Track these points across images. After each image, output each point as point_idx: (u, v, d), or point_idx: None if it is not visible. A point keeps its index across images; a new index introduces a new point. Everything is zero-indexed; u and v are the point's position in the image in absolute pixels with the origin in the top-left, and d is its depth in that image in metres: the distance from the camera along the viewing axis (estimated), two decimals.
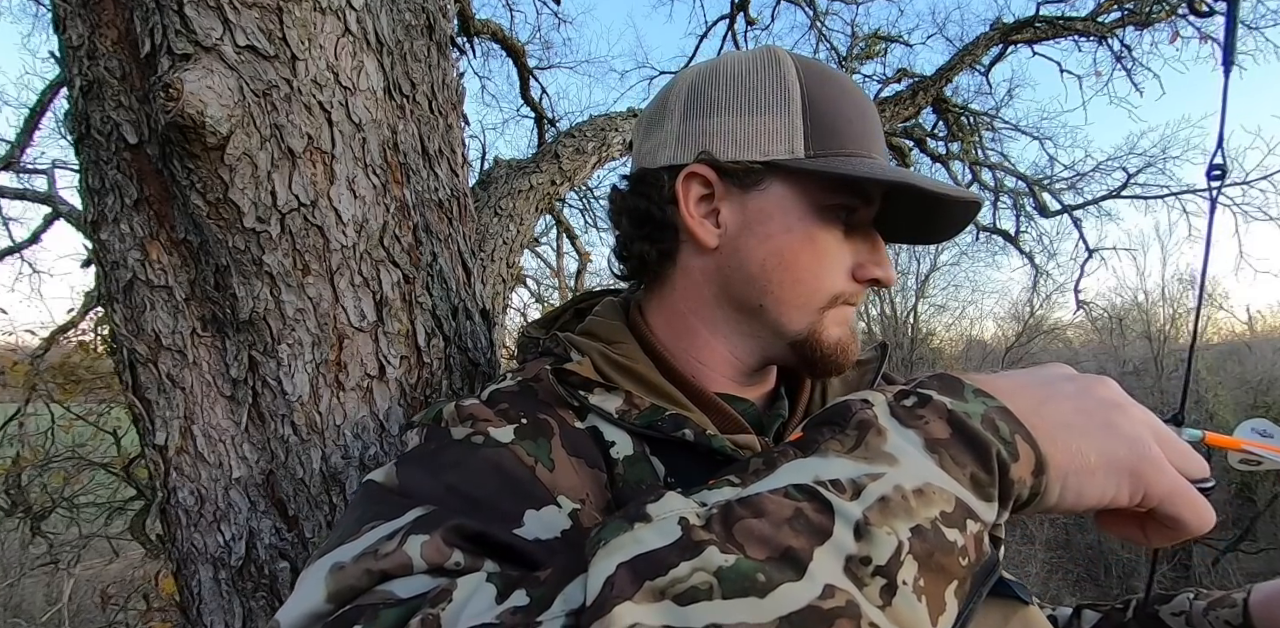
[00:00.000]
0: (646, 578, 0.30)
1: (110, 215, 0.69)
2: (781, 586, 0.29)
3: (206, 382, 0.69)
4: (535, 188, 2.80)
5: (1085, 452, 0.36)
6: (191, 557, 0.71)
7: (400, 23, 0.78)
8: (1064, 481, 0.36)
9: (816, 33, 5.16)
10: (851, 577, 0.30)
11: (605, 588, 0.30)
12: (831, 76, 0.57)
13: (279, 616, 0.37)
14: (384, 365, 0.70)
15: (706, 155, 0.55)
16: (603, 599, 0.29)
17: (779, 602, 0.29)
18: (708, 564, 0.30)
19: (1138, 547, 4.59)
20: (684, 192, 0.56)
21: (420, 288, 0.74)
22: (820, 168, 0.53)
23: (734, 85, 0.56)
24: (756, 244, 0.56)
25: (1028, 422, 0.36)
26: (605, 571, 0.31)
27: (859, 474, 0.33)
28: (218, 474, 0.69)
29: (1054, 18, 4.41)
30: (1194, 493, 0.37)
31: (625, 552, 0.31)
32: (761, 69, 0.56)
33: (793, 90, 0.55)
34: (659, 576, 0.30)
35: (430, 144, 0.79)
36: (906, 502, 0.32)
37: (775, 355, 0.59)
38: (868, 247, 0.58)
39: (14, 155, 3.67)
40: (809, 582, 0.29)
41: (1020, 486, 0.35)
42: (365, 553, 0.38)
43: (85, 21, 0.67)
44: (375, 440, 0.70)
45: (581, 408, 0.54)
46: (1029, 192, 5.53)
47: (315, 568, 0.39)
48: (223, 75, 0.61)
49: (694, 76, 0.59)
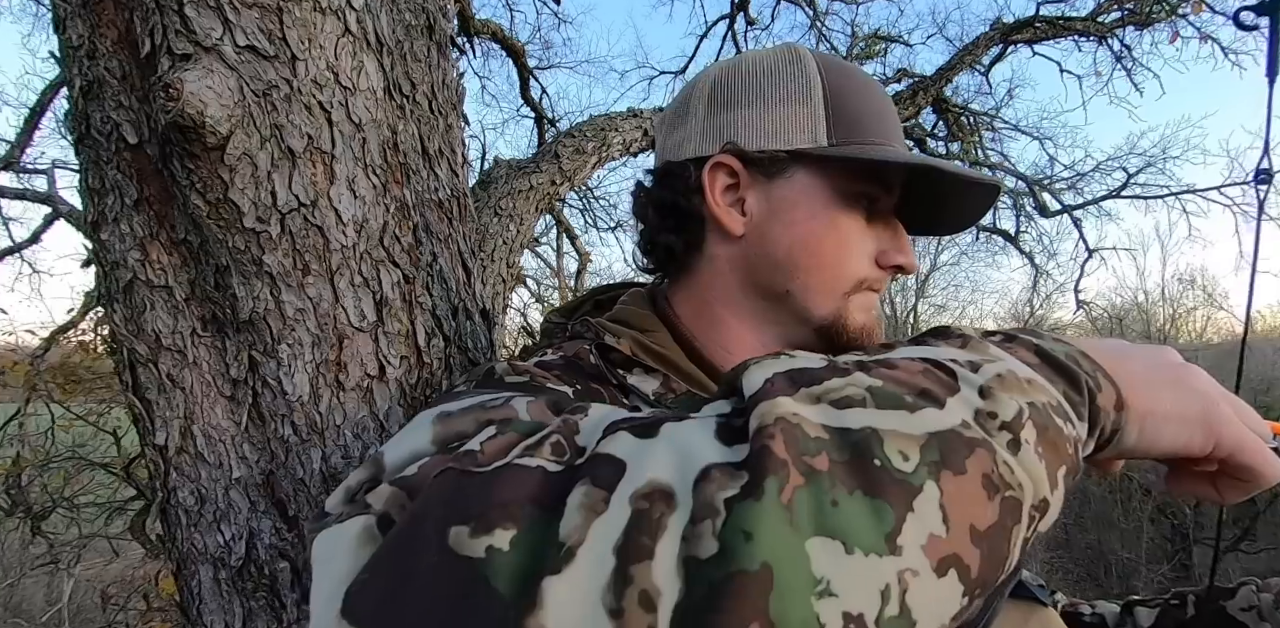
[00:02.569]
0: (803, 385, 0.31)
1: (110, 215, 0.69)
2: (926, 409, 0.30)
3: (206, 382, 0.69)
4: (535, 188, 2.80)
5: (1159, 399, 0.37)
6: (191, 557, 0.71)
7: (400, 23, 0.78)
8: (1141, 423, 0.37)
9: (816, 33, 5.17)
10: (981, 427, 0.31)
11: (765, 385, 0.31)
12: (850, 70, 0.60)
13: (384, 448, 0.38)
14: (384, 365, 0.70)
15: (732, 146, 0.57)
16: (763, 393, 0.30)
17: (926, 421, 0.30)
18: (859, 382, 0.31)
19: (1137, 545, 4.58)
20: (710, 181, 0.58)
21: (420, 288, 0.74)
22: (845, 154, 0.55)
23: (758, 79, 0.58)
24: (782, 230, 0.57)
25: (1105, 366, 0.37)
26: (762, 376, 0.32)
27: (973, 358, 0.34)
28: (218, 474, 0.69)
29: (1054, 18, 4.41)
30: (1263, 445, 0.38)
31: (780, 365, 0.33)
32: (784, 63, 0.58)
33: (814, 83, 0.57)
34: (814, 384, 0.31)
35: (430, 144, 0.79)
36: (1020, 383, 0.33)
37: (801, 342, 0.60)
38: (890, 234, 0.60)
39: (14, 155, 3.67)
40: (949, 413, 0.31)
41: (1105, 416, 0.36)
42: (472, 406, 0.38)
43: (85, 21, 0.67)
44: (375, 440, 0.70)
45: (621, 387, 0.54)
46: (1029, 192, 5.53)
47: (420, 418, 0.39)
48: (223, 75, 0.61)
49: (717, 72, 0.61)
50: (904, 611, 0.26)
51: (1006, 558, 0.30)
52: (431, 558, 0.27)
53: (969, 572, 0.28)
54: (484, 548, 0.27)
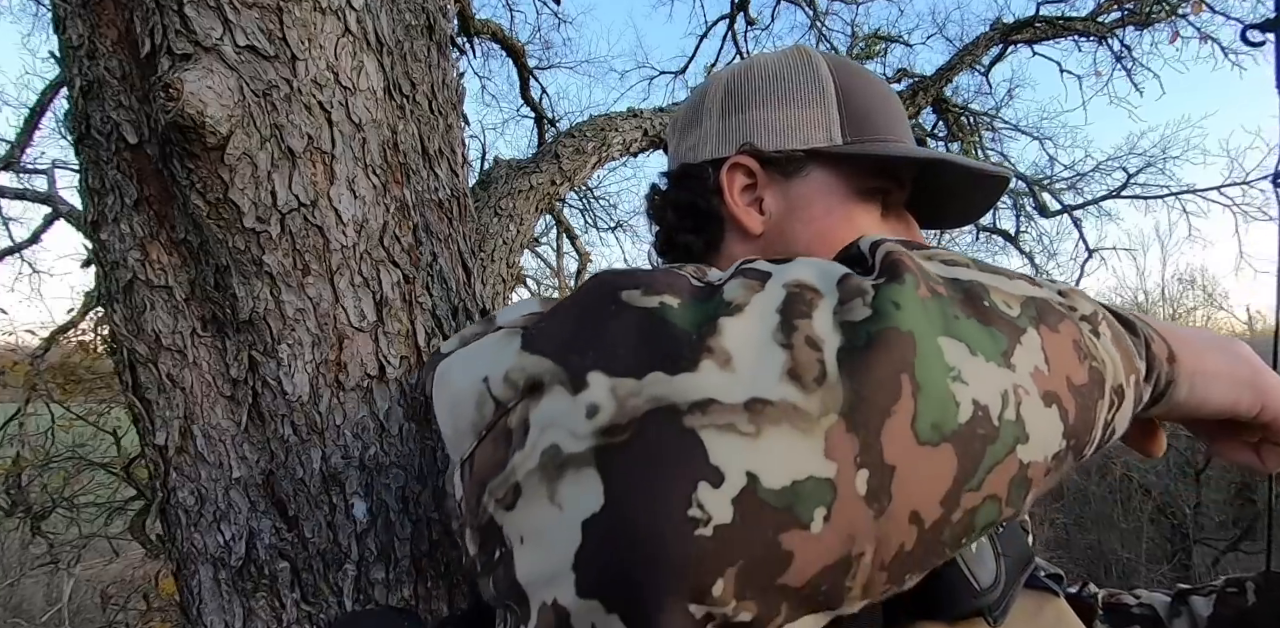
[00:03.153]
0: (912, 249, 0.33)
1: (110, 215, 0.69)
2: (1020, 281, 0.33)
3: (206, 382, 0.69)
4: (535, 188, 2.80)
5: (1209, 359, 0.38)
6: (191, 557, 0.71)
7: (400, 23, 0.78)
8: (1191, 379, 0.38)
9: (816, 33, 5.17)
10: (1066, 308, 0.33)
11: (881, 240, 0.33)
12: (859, 70, 0.62)
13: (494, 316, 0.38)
14: (384, 365, 0.70)
15: (749, 146, 0.59)
16: (881, 242, 0.33)
17: (1022, 287, 0.32)
18: (960, 257, 0.34)
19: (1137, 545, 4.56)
20: (729, 182, 0.59)
21: (420, 288, 0.74)
22: (862, 152, 0.57)
23: (770, 81, 0.60)
24: (801, 227, 0.58)
25: (1153, 325, 0.38)
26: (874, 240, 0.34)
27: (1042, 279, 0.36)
28: (218, 474, 0.69)
29: (1054, 18, 4.41)
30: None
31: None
32: (795, 65, 0.60)
33: (826, 83, 0.59)
34: (919, 250, 0.33)
35: (430, 144, 0.79)
36: (1089, 302, 0.34)
37: None
38: (903, 227, 0.62)
39: (14, 155, 3.67)
40: (1040, 289, 0.33)
41: (1160, 364, 0.36)
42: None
43: (85, 21, 0.67)
44: (375, 440, 0.70)
45: None
46: (1029, 192, 5.53)
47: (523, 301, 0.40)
48: (223, 75, 0.61)
49: (728, 76, 0.63)
50: (1019, 419, 0.28)
51: (1092, 428, 0.31)
52: (609, 306, 0.29)
53: (1068, 416, 0.29)
54: (657, 302, 0.29)
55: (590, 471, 0.25)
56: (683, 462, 0.24)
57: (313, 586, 0.68)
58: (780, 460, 0.24)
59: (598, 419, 0.25)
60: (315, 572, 0.68)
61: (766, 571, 0.24)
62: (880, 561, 0.26)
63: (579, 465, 0.25)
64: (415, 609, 0.70)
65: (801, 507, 0.24)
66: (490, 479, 0.28)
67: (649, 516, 0.23)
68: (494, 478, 0.28)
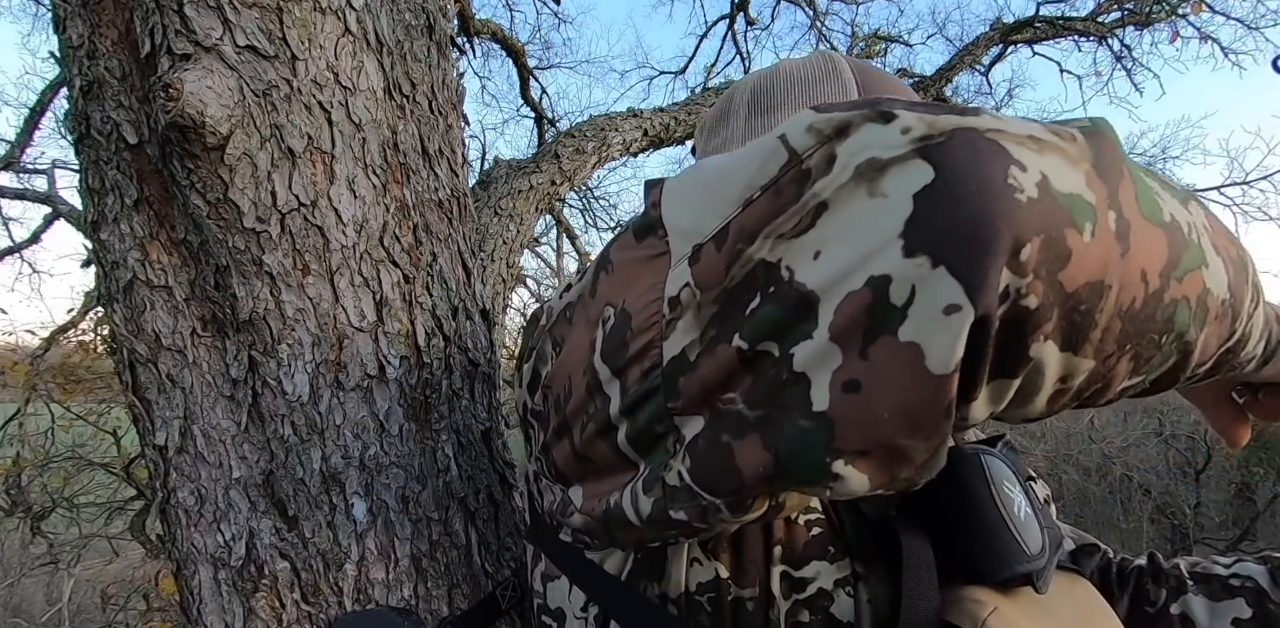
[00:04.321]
0: None
1: (110, 215, 0.69)
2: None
3: (206, 382, 0.69)
4: (535, 188, 2.80)
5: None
6: (191, 557, 0.71)
7: (400, 23, 0.78)
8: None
9: (816, 33, 5.17)
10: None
11: None
12: (880, 73, 0.64)
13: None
14: (384, 365, 0.70)
15: None
16: None
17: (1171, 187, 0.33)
18: None
19: (1137, 545, 4.59)
20: None
21: (420, 288, 0.74)
22: None
23: (796, 83, 0.62)
24: None
25: None
26: None
27: None
28: (218, 474, 0.69)
29: (1054, 18, 4.41)
30: None
31: None
32: (820, 68, 0.63)
33: (850, 86, 0.61)
34: None
35: (430, 144, 0.79)
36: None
37: None
38: None
39: (14, 155, 3.67)
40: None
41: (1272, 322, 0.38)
42: None
43: (85, 21, 0.67)
44: (375, 440, 0.70)
45: None
46: None
47: None
48: (223, 75, 0.61)
49: (755, 80, 0.65)
50: (1201, 247, 0.30)
51: (1240, 310, 0.32)
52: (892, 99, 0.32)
53: (1229, 273, 0.31)
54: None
55: (915, 160, 0.27)
56: (995, 152, 0.27)
57: (313, 586, 0.68)
58: (1060, 174, 0.27)
59: (913, 133, 0.28)
60: (315, 572, 0.68)
61: (1055, 255, 0.26)
62: (1119, 306, 0.28)
63: (903, 161, 0.27)
64: (415, 609, 0.70)
65: (1077, 214, 0.27)
66: (767, 225, 0.30)
67: (980, 180, 0.26)
68: (775, 220, 0.30)
